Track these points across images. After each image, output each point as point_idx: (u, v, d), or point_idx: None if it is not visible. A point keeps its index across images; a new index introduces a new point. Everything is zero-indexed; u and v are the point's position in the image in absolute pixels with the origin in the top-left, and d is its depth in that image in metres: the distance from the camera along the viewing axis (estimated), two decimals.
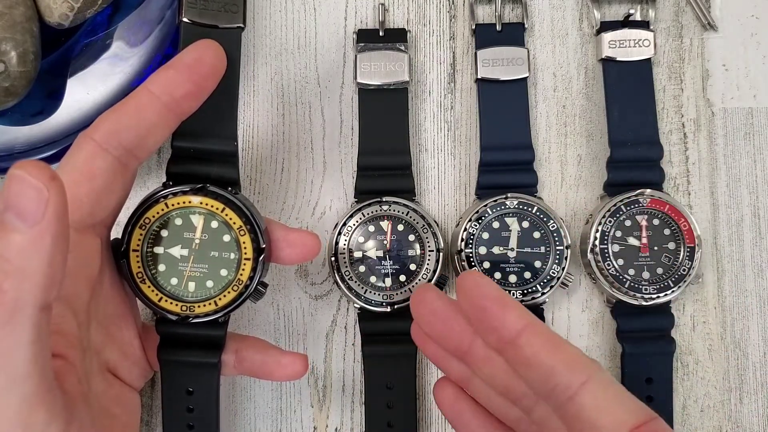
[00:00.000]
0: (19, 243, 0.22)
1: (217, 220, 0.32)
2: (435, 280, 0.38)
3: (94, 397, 0.29)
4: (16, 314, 0.22)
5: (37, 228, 0.22)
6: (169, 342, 0.33)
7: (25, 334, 0.22)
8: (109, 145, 0.29)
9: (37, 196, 0.22)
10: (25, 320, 0.22)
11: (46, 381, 0.23)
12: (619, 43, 0.40)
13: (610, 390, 0.27)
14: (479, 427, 0.32)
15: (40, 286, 0.22)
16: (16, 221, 0.22)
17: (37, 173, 0.22)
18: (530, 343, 0.27)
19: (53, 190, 0.22)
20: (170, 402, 0.34)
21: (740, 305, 0.41)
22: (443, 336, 0.31)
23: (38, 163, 0.22)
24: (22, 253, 0.22)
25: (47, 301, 0.23)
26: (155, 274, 0.32)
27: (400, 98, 0.40)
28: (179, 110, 0.30)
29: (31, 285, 0.22)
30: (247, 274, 0.32)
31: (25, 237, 0.22)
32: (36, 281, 0.22)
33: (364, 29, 0.41)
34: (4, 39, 0.35)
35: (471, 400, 0.32)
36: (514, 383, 0.29)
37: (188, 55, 0.30)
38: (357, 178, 0.39)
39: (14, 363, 0.22)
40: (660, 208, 0.38)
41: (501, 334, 0.28)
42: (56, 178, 0.22)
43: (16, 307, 0.22)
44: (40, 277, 0.22)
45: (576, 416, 0.26)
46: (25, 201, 0.22)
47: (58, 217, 0.22)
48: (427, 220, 0.38)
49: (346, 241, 0.38)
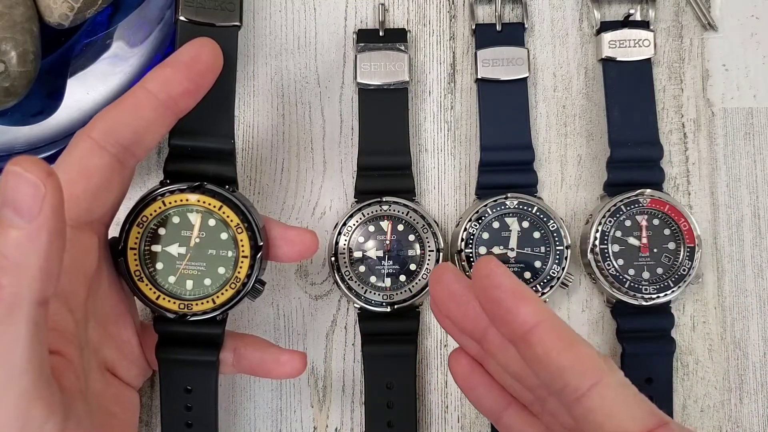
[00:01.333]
0: (15, 239, 0.22)
1: (215, 218, 0.32)
2: None
3: (92, 395, 0.29)
4: (13, 310, 0.22)
5: (34, 223, 0.22)
6: (167, 340, 0.33)
7: (23, 330, 0.22)
8: (106, 143, 0.29)
9: (34, 192, 0.22)
10: (22, 316, 0.22)
11: (43, 377, 0.23)
12: (619, 43, 0.40)
13: (620, 394, 0.26)
14: (492, 403, 0.32)
15: (37, 281, 0.22)
16: (13, 217, 0.22)
17: (33, 169, 0.22)
18: (542, 340, 0.26)
19: (50, 186, 0.22)
20: (169, 400, 0.34)
21: (740, 305, 0.41)
22: (459, 319, 0.30)
23: (34, 159, 0.22)
24: (19, 248, 0.22)
25: (44, 296, 0.23)
26: (153, 272, 0.32)
27: (400, 98, 0.40)
28: (176, 108, 0.30)
29: (28, 281, 0.22)
30: (244, 271, 0.32)
31: (21, 233, 0.22)
32: (33, 277, 0.22)
33: (364, 29, 0.41)
34: (4, 39, 0.35)
35: (485, 375, 0.32)
36: (527, 374, 0.29)
37: (185, 53, 0.30)
38: (357, 178, 0.39)
39: (11, 358, 0.22)
40: (660, 208, 0.38)
41: (513, 328, 0.27)
42: (52, 174, 0.22)
43: (13, 303, 0.22)
44: (37, 273, 0.22)
45: (583, 418, 0.26)
46: (22, 197, 0.22)
47: (55, 212, 0.22)
48: (427, 220, 0.38)
49: (346, 241, 0.38)
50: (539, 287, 0.38)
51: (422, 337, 0.40)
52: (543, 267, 0.38)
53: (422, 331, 0.40)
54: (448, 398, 0.40)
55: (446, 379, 0.40)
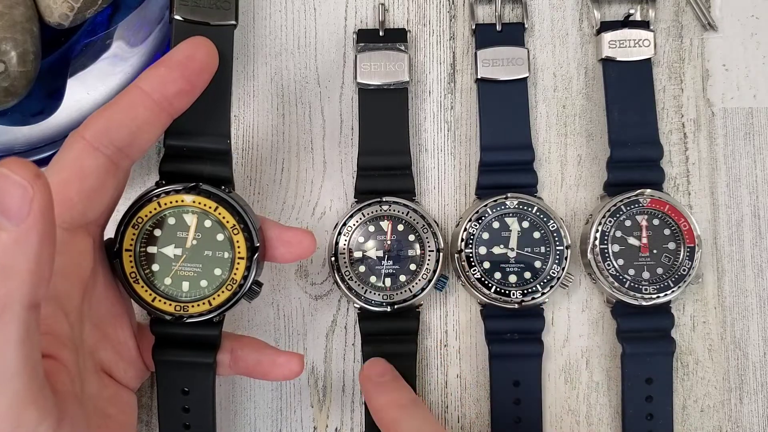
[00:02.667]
0: (3, 242, 0.22)
1: (211, 219, 0.32)
2: (435, 280, 0.38)
3: (87, 398, 0.29)
4: (3, 313, 0.22)
5: (22, 226, 0.21)
6: (164, 342, 0.33)
7: (13, 333, 0.22)
8: (100, 144, 0.29)
9: (22, 194, 0.21)
10: (12, 319, 0.22)
11: (36, 380, 0.23)
12: (619, 43, 0.40)
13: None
14: None
15: (27, 284, 0.22)
16: (1, 219, 0.21)
17: (21, 171, 0.21)
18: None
19: (38, 188, 0.21)
20: (166, 402, 0.34)
21: (740, 305, 0.41)
22: None
23: (22, 160, 0.22)
24: (8, 251, 0.22)
25: (35, 299, 0.23)
26: (149, 273, 0.32)
27: (400, 98, 0.40)
28: (171, 108, 0.30)
29: (17, 283, 0.22)
30: (241, 273, 0.32)
31: (10, 235, 0.21)
32: (23, 280, 0.22)
33: (364, 29, 0.41)
34: (4, 39, 0.35)
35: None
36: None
37: (180, 53, 0.30)
38: (357, 178, 0.39)
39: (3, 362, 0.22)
40: (660, 208, 0.38)
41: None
42: (41, 176, 0.22)
43: (3, 306, 0.22)
44: (27, 276, 0.22)
45: None
46: (9, 199, 0.21)
47: (44, 214, 0.22)
48: (427, 220, 0.38)
49: (346, 241, 0.38)
50: (539, 287, 0.38)
51: (422, 337, 0.40)
52: (543, 267, 0.38)
53: (422, 331, 0.40)
54: (448, 398, 0.40)
55: (446, 379, 0.40)
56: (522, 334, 0.39)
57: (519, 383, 0.39)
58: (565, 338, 0.40)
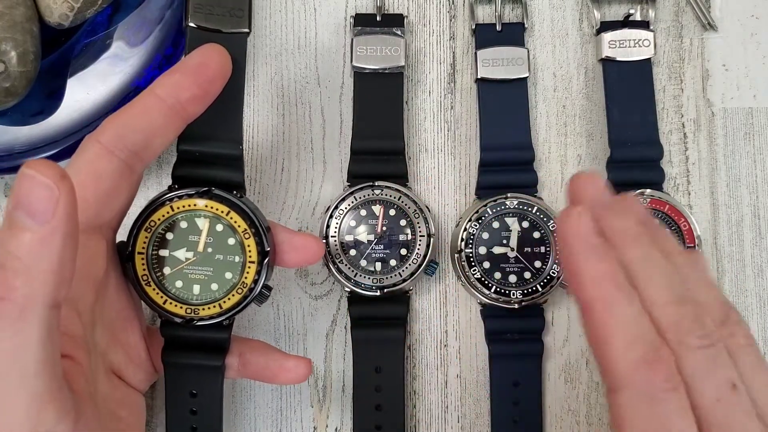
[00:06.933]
0: (29, 241, 0.22)
1: (222, 223, 0.33)
2: (425, 265, 0.38)
3: (99, 399, 0.29)
4: (26, 312, 0.22)
5: (47, 226, 0.22)
6: (173, 344, 0.33)
7: (36, 332, 0.22)
8: (115, 148, 0.29)
9: (48, 195, 0.22)
10: (35, 318, 0.22)
11: (56, 379, 0.24)
12: (619, 43, 0.40)
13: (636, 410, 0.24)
14: None
15: (51, 284, 0.22)
16: (27, 220, 0.22)
17: (47, 172, 0.22)
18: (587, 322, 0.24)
19: (63, 189, 0.22)
20: (174, 404, 0.34)
21: (740, 305, 0.41)
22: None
23: (48, 162, 0.22)
24: (33, 251, 0.22)
25: (57, 299, 0.23)
26: (160, 276, 0.32)
27: (396, 83, 0.40)
28: (185, 113, 0.30)
29: (41, 283, 0.22)
30: (251, 277, 0.32)
31: (35, 235, 0.22)
32: (46, 279, 0.22)
33: (362, 14, 0.41)
34: (4, 39, 0.35)
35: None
36: None
37: (194, 59, 0.30)
38: (350, 161, 0.39)
39: (24, 361, 0.22)
40: (660, 208, 0.38)
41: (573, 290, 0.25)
42: (66, 177, 0.22)
43: (26, 305, 0.22)
44: (51, 276, 0.22)
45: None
46: (36, 200, 0.22)
47: (68, 215, 0.22)
48: (418, 206, 0.38)
49: (338, 225, 0.38)
50: (539, 287, 0.38)
51: (422, 337, 0.40)
52: (543, 267, 0.38)
53: (422, 332, 0.40)
54: (448, 398, 0.40)
55: (446, 379, 0.40)
56: (522, 334, 0.39)
57: (519, 383, 0.39)
58: (565, 338, 0.40)
